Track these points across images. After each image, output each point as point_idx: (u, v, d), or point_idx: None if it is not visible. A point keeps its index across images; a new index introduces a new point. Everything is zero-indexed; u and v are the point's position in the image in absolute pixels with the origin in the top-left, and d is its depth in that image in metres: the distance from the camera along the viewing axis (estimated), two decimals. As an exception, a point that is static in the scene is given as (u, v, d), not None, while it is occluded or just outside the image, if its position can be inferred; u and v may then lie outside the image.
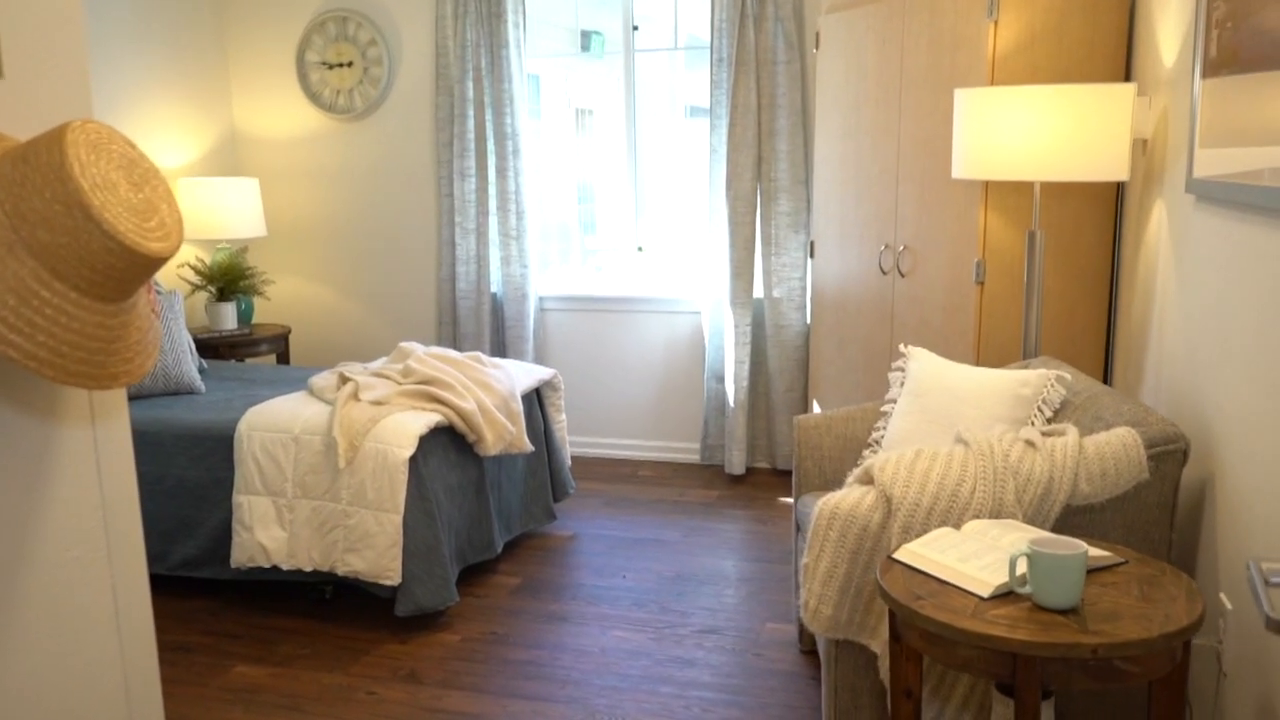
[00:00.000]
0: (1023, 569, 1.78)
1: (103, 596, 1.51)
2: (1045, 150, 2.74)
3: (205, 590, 3.52)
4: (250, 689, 2.88)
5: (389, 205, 5.13)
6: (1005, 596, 1.80)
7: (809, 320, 4.54)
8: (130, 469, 1.55)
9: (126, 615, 1.55)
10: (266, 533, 3.23)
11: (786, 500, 4.37)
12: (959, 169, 2.94)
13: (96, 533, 1.48)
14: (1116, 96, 2.70)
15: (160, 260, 1.20)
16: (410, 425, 3.18)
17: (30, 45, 1.34)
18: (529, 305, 4.88)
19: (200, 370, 4.15)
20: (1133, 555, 1.98)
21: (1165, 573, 1.90)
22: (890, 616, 1.92)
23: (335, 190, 5.19)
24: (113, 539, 1.52)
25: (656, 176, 5.03)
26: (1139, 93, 3.02)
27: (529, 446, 3.63)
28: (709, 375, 4.71)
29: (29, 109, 1.34)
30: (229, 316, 4.74)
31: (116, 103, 4.54)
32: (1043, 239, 3.00)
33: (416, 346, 3.74)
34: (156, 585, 3.55)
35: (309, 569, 3.22)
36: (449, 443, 3.36)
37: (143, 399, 3.72)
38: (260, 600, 3.44)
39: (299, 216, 5.26)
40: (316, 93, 5.07)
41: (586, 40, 5.25)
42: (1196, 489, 2.34)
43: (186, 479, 3.36)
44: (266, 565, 3.24)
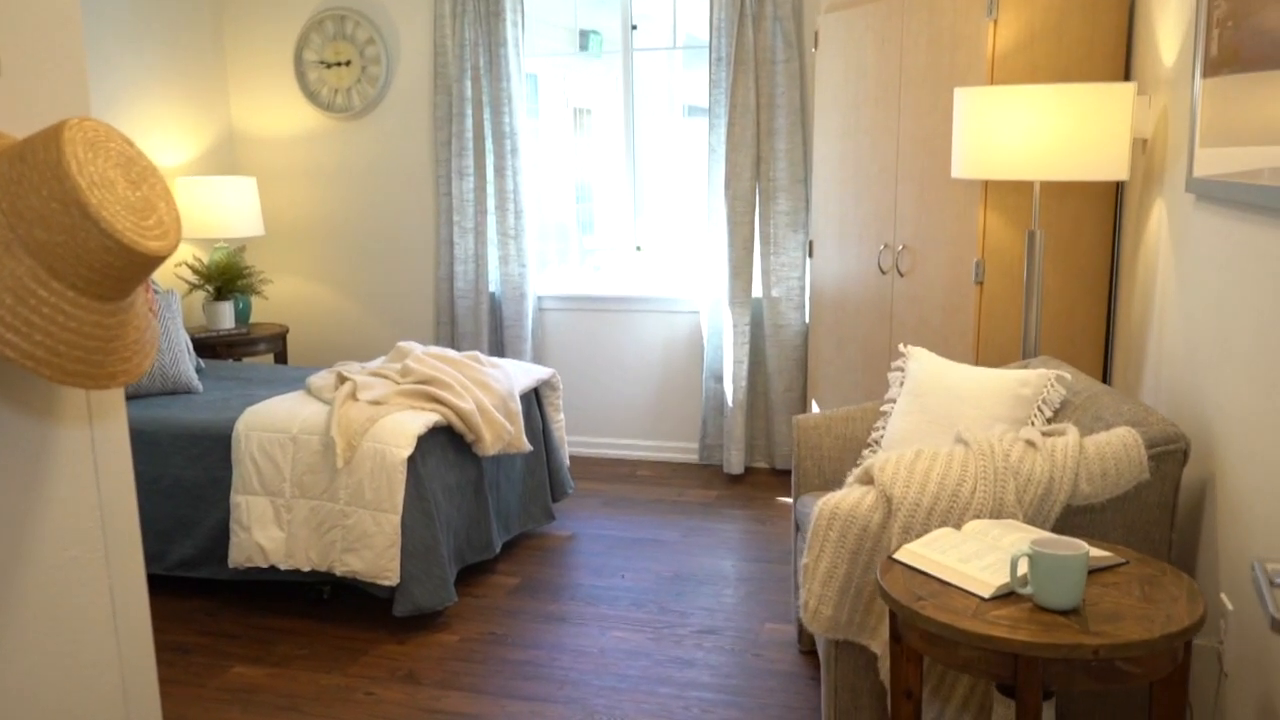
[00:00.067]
0: (1024, 569, 1.78)
1: (100, 597, 1.50)
2: (1045, 150, 2.74)
3: (203, 590, 3.51)
4: (248, 689, 2.87)
5: (387, 204, 5.12)
6: (1006, 597, 1.79)
7: (807, 320, 4.53)
8: (128, 469, 1.54)
9: (124, 615, 1.55)
10: (264, 533, 3.22)
11: (785, 500, 4.36)
12: (958, 168, 2.94)
13: (94, 533, 1.48)
14: (1116, 96, 2.70)
15: (158, 259, 1.19)
16: (408, 425, 3.17)
17: (27, 43, 1.33)
18: (527, 305, 4.87)
19: (198, 370, 4.14)
20: (1133, 555, 1.98)
21: (1166, 573, 1.89)
22: (891, 617, 1.92)
23: (333, 189, 5.18)
24: (110, 539, 1.51)
25: (655, 176, 5.03)
26: (1138, 92, 3.02)
27: (527, 446, 3.62)
28: (707, 375, 4.71)
29: (26, 107, 1.33)
30: (226, 316, 4.73)
31: (114, 101, 4.53)
32: (1042, 238, 2.99)
33: (415, 346, 3.73)
34: (154, 585, 3.54)
35: (307, 569, 3.21)
36: (447, 442, 3.35)
37: (140, 398, 3.71)
38: (258, 600, 3.43)
39: (297, 216, 5.25)
40: (314, 91, 5.06)
41: (585, 40, 5.24)
42: (1197, 489, 2.34)
43: (184, 479, 3.35)
44: (264, 565, 3.24)
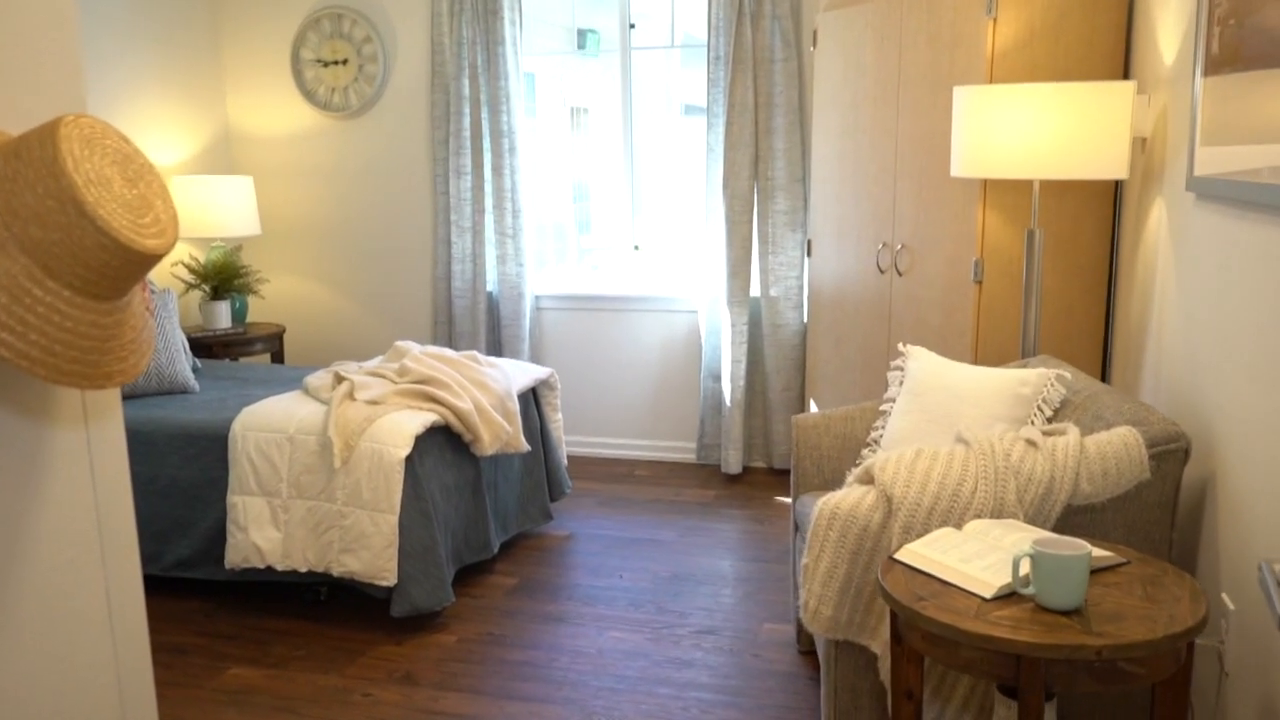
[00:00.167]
0: (1026, 570, 1.77)
1: (96, 598, 1.49)
2: (1045, 148, 2.73)
3: (199, 591, 3.50)
4: (245, 690, 2.86)
5: (384, 203, 5.10)
6: (1008, 597, 1.78)
7: (806, 319, 4.53)
8: (124, 470, 1.53)
9: (120, 617, 1.54)
10: (261, 533, 3.21)
11: (783, 500, 4.36)
12: (958, 167, 2.93)
13: (90, 534, 1.46)
14: (1116, 94, 2.69)
15: (155, 257, 1.18)
16: (406, 425, 3.16)
17: (23, 40, 1.32)
18: (525, 304, 4.86)
19: (194, 369, 4.13)
20: (1134, 555, 1.97)
21: (1168, 573, 1.89)
22: (892, 617, 1.91)
23: (330, 188, 5.16)
24: (106, 541, 1.50)
25: (653, 175, 5.02)
26: (1138, 91, 3.01)
27: (525, 446, 3.61)
28: (705, 374, 4.70)
29: (21, 104, 1.32)
30: (223, 315, 4.72)
31: (110, 100, 4.51)
32: (1041, 237, 2.99)
33: (412, 345, 3.72)
34: (150, 586, 3.52)
35: (304, 570, 3.20)
36: (445, 442, 3.34)
37: (136, 398, 3.69)
38: (255, 601, 3.42)
39: (294, 215, 5.24)
40: (311, 90, 5.05)
41: (582, 39, 5.23)
42: (1197, 488, 2.33)
43: (180, 479, 3.34)
44: (261, 566, 3.22)
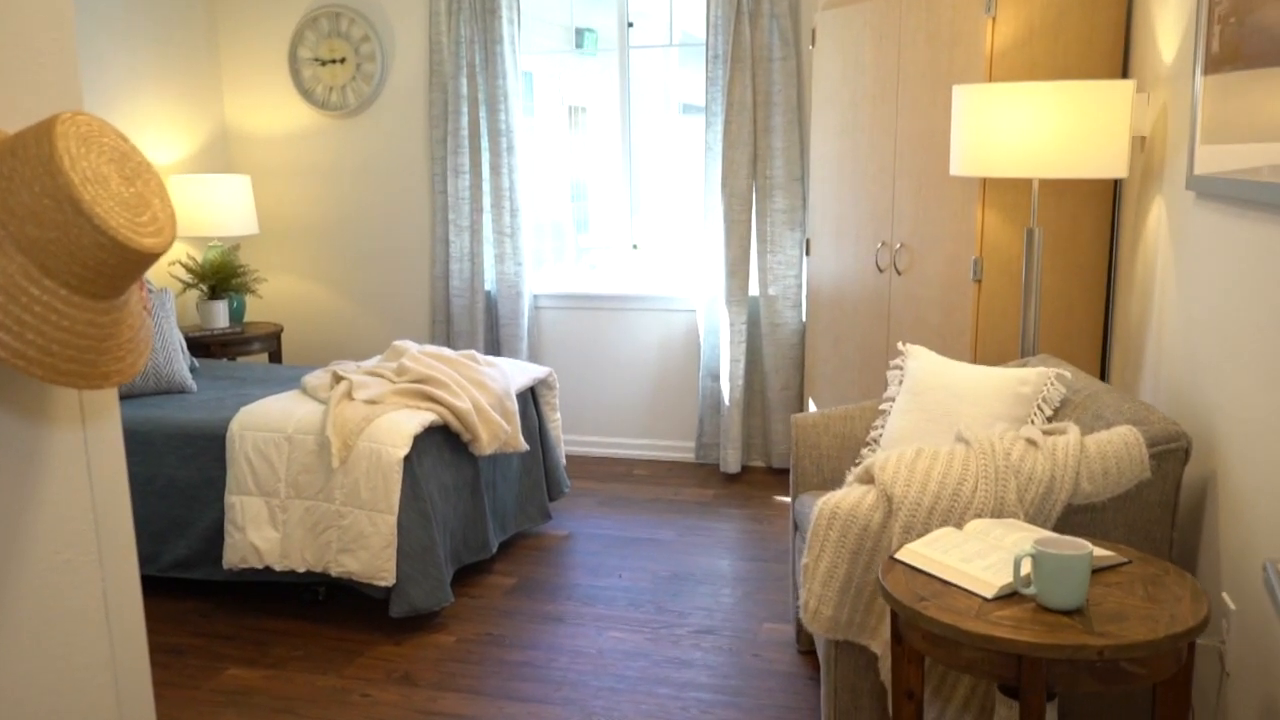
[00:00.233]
0: (1027, 569, 1.76)
1: (93, 599, 1.48)
2: (1044, 147, 2.72)
3: (197, 591, 3.49)
4: (243, 691, 2.85)
5: (382, 203, 5.09)
6: (1009, 597, 1.78)
7: (804, 318, 4.52)
8: (122, 470, 1.52)
9: (117, 618, 1.53)
10: (259, 533, 3.20)
11: (782, 499, 4.35)
12: (957, 166, 2.93)
13: (87, 535, 1.46)
14: (1116, 93, 2.69)
15: (153, 256, 1.17)
16: (405, 424, 3.15)
17: (18, 38, 1.31)
18: (523, 303, 4.85)
19: (192, 369, 4.12)
20: (1135, 555, 1.97)
21: (1169, 572, 1.88)
22: (892, 617, 1.90)
23: (328, 188, 5.15)
24: (104, 541, 1.49)
25: (651, 174, 5.01)
26: (1137, 89, 3.01)
27: (524, 445, 3.60)
28: (704, 373, 4.69)
29: (17, 103, 1.31)
30: (221, 315, 4.71)
31: (107, 99, 4.50)
32: (1040, 236, 2.98)
33: (410, 345, 3.71)
34: (147, 587, 3.51)
35: (302, 570, 3.19)
36: (443, 442, 3.33)
37: (133, 398, 3.68)
38: (253, 602, 3.41)
39: (291, 214, 5.22)
40: (309, 89, 5.04)
41: (580, 37, 5.22)
42: (1197, 488, 2.33)
43: (178, 479, 3.32)
44: (259, 566, 3.21)
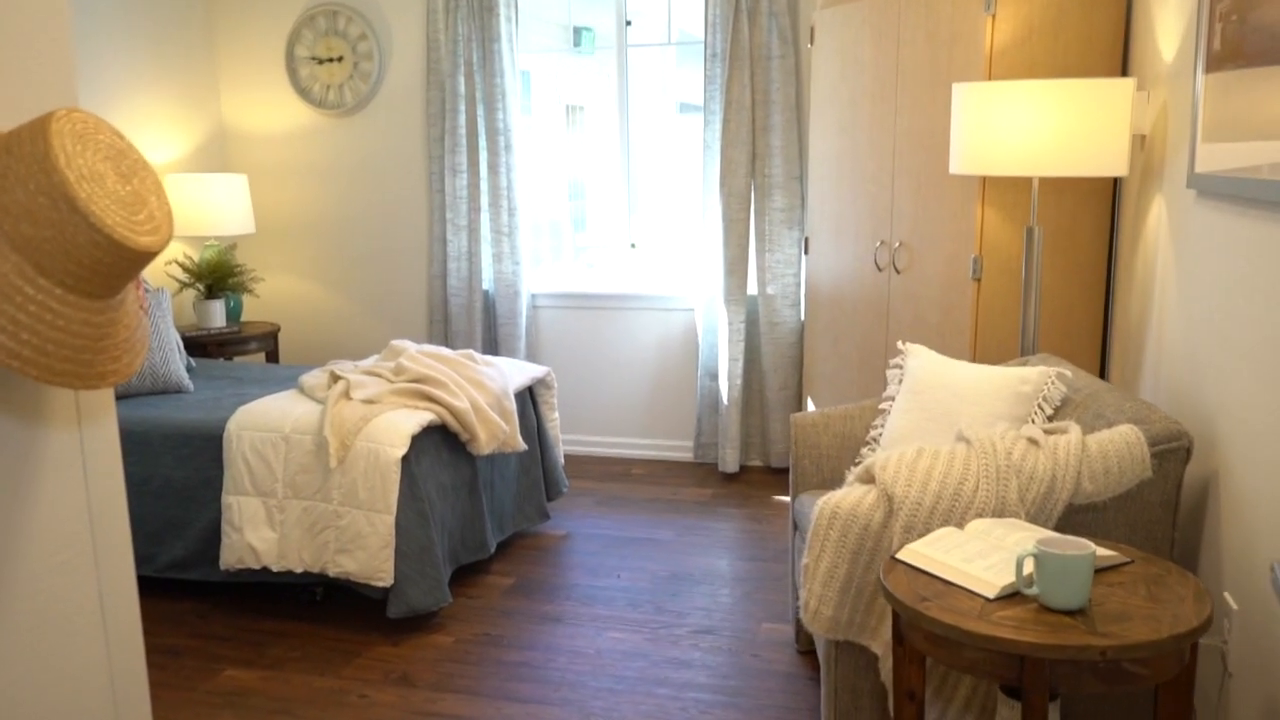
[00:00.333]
0: (1029, 569, 1.76)
1: (89, 601, 1.47)
2: (1044, 145, 2.72)
3: (194, 592, 3.47)
4: (240, 692, 2.84)
5: (379, 202, 5.08)
6: (1011, 597, 1.77)
7: (803, 317, 4.51)
8: (118, 471, 1.51)
9: (113, 619, 1.52)
10: (256, 534, 3.19)
11: (780, 499, 4.34)
12: (956, 164, 2.92)
13: (83, 536, 1.44)
14: (1116, 91, 2.68)
15: (149, 255, 1.16)
16: (402, 424, 3.14)
17: (13, 35, 1.30)
18: (521, 303, 4.84)
19: (188, 369, 4.10)
20: (1137, 555, 1.96)
21: (1171, 572, 1.87)
22: (894, 618, 1.89)
23: (325, 187, 5.13)
24: (99, 543, 1.48)
25: (649, 173, 5.00)
26: (1137, 88, 3.00)
27: (522, 445, 3.59)
28: (702, 373, 4.68)
29: (12, 101, 1.30)
30: (217, 314, 4.69)
31: (104, 97, 4.48)
32: (1040, 235, 2.97)
33: (408, 344, 3.70)
34: (144, 587, 3.50)
35: (300, 570, 3.18)
36: (441, 442, 3.32)
37: (130, 398, 3.67)
38: (250, 602, 3.40)
39: (288, 213, 5.21)
40: (306, 88, 5.02)
41: (578, 36, 5.21)
42: (1198, 487, 2.32)
43: (174, 479, 3.31)
44: (256, 567, 3.20)
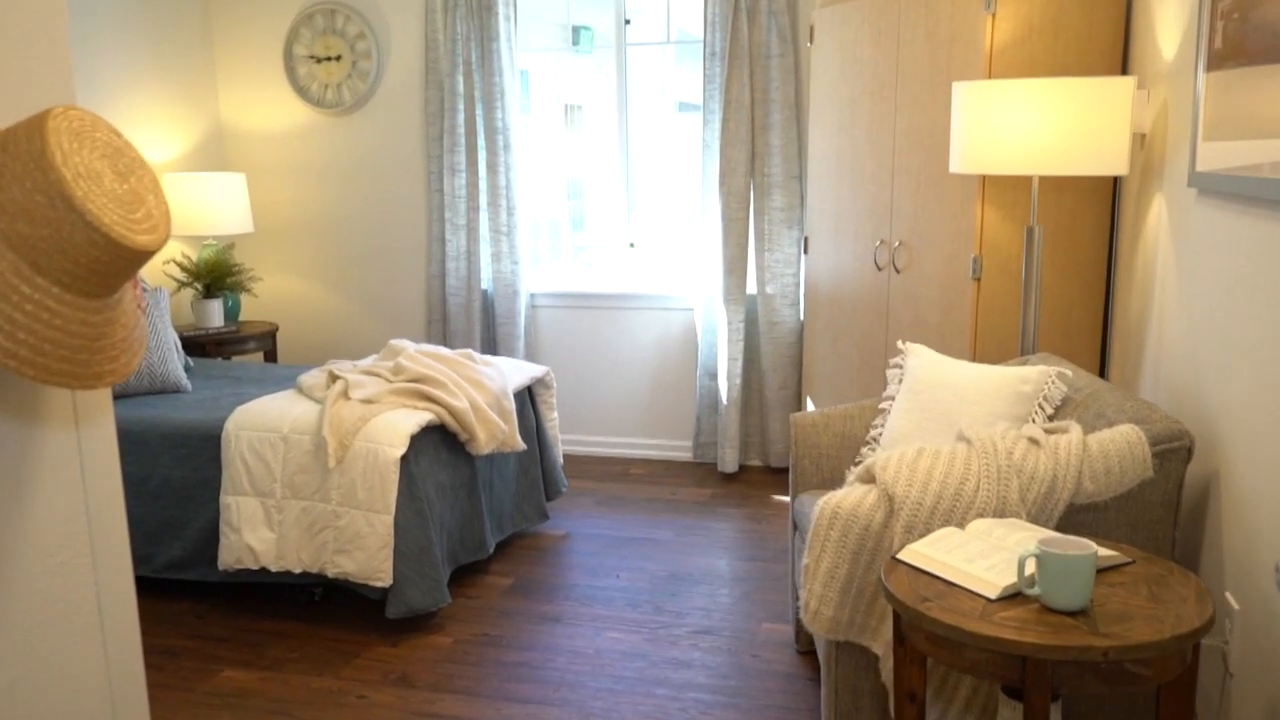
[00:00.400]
0: (1031, 570, 1.75)
1: (86, 602, 1.46)
2: (1045, 144, 2.71)
3: (191, 592, 3.46)
4: (238, 693, 2.83)
5: (378, 201, 5.07)
6: (1013, 598, 1.76)
7: (802, 317, 4.50)
8: (115, 471, 1.50)
9: (111, 620, 1.51)
10: (254, 534, 3.18)
11: (780, 498, 4.34)
12: (956, 163, 2.91)
13: (80, 537, 1.44)
14: (1116, 89, 2.68)
15: (147, 253, 1.15)
16: (401, 424, 3.13)
17: (9, 28, 1.29)
18: (520, 302, 4.83)
19: (186, 368, 4.09)
20: (1139, 555, 1.95)
21: (1173, 572, 1.87)
22: (895, 618, 1.89)
23: (323, 186, 5.12)
24: (97, 543, 1.47)
25: (648, 172, 4.99)
26: (1137, 86, 3.00)
27: (521, 445, 3.58)
28: (701, 372, 4.68)
29: (8, 97, 1.29)
30: (215, 314, 4.68)
31: (101, 96, 4.47)
32: (1041, 234, 2.97)
33: (407, 344, 3.69)
34: (142, 587, 3.49)
35: (298, 571, 3.17)
36: (440, 441, 3.31)
37: (127, 398, 3.66)
38: (248, 603, 3.39)
39: (286, 212, 5.20)
40: (304, 87, 5.01)
41: (576, 35, 5.20)
42: (1199, 487, 2.32)
43: (172, 479, 3.30)
44: (254, 567, 3.19)
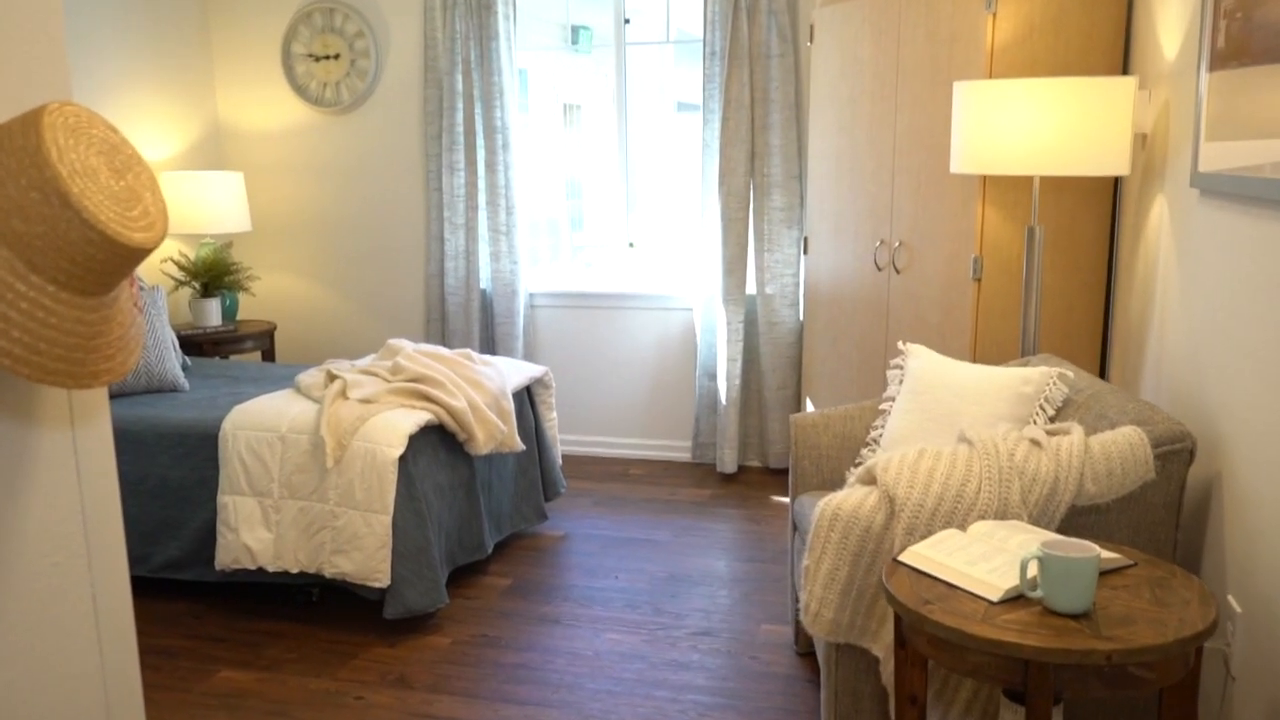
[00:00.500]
0: (1034, 572, 1.74)
1: (82, 603, 1.45)
2: (1046, 144, 2.70)
3: (189, 593, 3.45)
4: (235, 694, 2.82)
5: (376, 200, 5.05)
6: (1015, 600, 1.75)
7: (802, 317, 4.50)
8: (112, 471, 1.48)
9: (107, 621, 1.50)
10: (252, 534, 3.16)
11: (779, 499, 4.33)
12: (957, 163, 2.90)
13: (76, 538, 1.42)
14: (1117, 89, 2.67)
15: (144, 251, 1.14)
16: (400, 424, 3.12)
17: (4, 25, 1.28)
18: (519, 302, 4.82)
19: (184, 367, 4.08)
20: (1141, 557, 1.94)
21: (1175, 575, 1.86)
22: (896, 621, 1.88)
23: (321, 185, 5.11)
24: (93, 543, 1.46)
25: (647, 172, 4.98)
26: (1138, 86, 2.99)
27: (520, 445, 3.57)
28: (701, 373, 4.66)
29: (2, 93, 1.28)
30: (213, 313, 4.67)
31: (99, 94, 4.46)
32: (1042, 235, 2.96)
33: (405, 344, 3.68)
34: (138, 587, 3.47)
35: (295, 571, 3.16)
36: (439, 442, 3.30)
37: (124, 397, 3.64)
38: (245, 603, 3.37)
39: (284, 211, 5.18)
40: (303, 85, 5.00)
41: (575, 34, 5.19)
42: (1201, 489, 2.31)
43: (170, 479, 3.29)
44: (252, 567, 3.18)
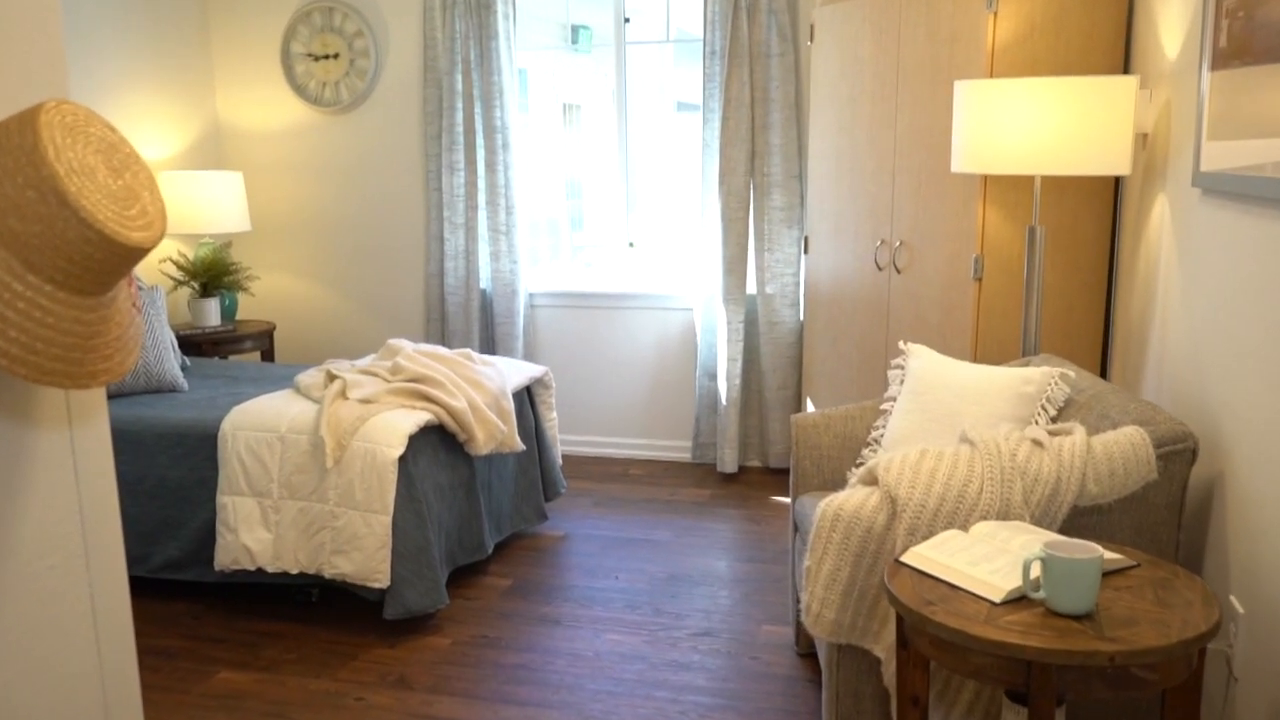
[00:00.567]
0: (1036, 573, 1.73)
1: (81, 604, 1.44)
2: (1047, 143, 2.70)
3: (187, 593, 3.44)
4: (234, 695, 2.81)
5: (376, 200, 5.05)
6: (1018, 601, 1.75)
7: (802, 317, 4.49)
8: (110, 472, 1.48)
9: (105, 622, 1.49)
10: (251, 534, 3.16)
11: (779, 499, 4.32)
12: (958, 163, 2.89)
13: (74, 539, 1.42)
14: (1118, 89, 2.66)
15: (142, 250, 1.13)
16: (400, 424, 3.11)
17: (2, 23, 1.27)
18: (518, 302, 4.81)
19: (183, 367, 4.07)
20: (1143, 558, 1.94)
21: (1178, 576, 1.85)
22: (898, 622, 1.87)
23: (321, 184, 5.10)
24: (91, 545, 1.45)
25: (647, 172, 4.97)
26: (1139, 85, 2.98)
27: (520, 445, 3.56)
28: (701, 372, 4.66)
29: (1, 95, 1.27)
30: (212, 313, 4.66)
31: (98, 93, 4.45)
32: (1043, 234, 2.95)
33: (405, 344, 3.67)
34: (137, 588, 3.47)
35: (295, 571, 3.15)
36: (439, 442, 3.29)
37: (123, 397, 3.64)
38: (244, 603, 3.37)
39: (284, 211, 5.18)
40: (302, 85, 4.99)
41: (575, 34, 5.18)
42: (1203, 489, 2.30)
43: (168, 479, 3.28)
44: (251, 568, 3.17)
